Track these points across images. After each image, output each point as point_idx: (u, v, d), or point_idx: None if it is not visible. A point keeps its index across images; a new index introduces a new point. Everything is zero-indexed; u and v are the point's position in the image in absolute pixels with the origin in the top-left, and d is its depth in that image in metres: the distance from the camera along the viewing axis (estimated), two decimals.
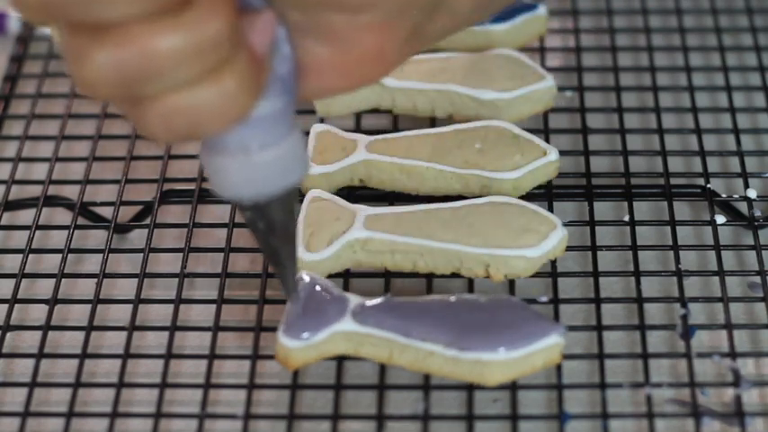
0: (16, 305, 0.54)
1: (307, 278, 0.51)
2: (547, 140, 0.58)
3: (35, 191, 0.59)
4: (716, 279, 0.54)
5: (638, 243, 0.55)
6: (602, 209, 0.57)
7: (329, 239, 0.52)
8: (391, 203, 0.56)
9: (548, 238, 0.52)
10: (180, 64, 0.37)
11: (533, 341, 0.49)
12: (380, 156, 0.56)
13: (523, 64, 0.59)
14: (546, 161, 0.55)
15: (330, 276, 0.53)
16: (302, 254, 0.52)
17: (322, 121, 0.59)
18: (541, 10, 0.62)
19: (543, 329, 0.49)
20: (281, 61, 0.40)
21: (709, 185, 0.57)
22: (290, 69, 0.41)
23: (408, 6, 0.41)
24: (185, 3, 0.36)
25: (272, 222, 0.43)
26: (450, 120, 0.59)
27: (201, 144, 0.41)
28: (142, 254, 0.55)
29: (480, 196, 0.54)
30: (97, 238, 0.58)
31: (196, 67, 0.37)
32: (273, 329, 0.52)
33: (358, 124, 0.60)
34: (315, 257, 0.52)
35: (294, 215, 0.44)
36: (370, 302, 0.50)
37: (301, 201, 0.54)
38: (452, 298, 0.50)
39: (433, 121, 0.59)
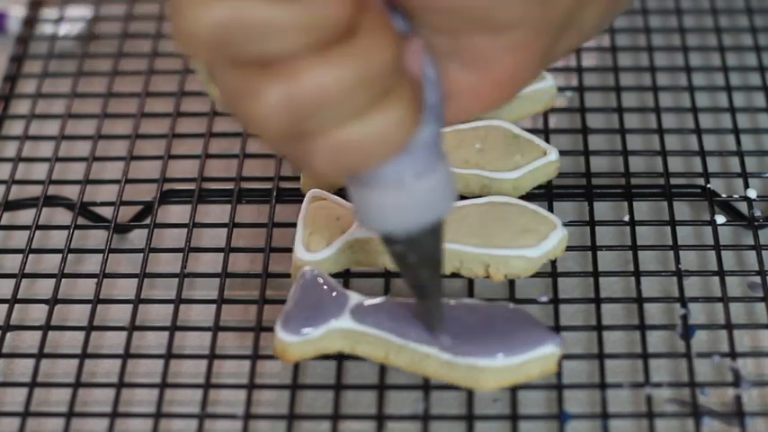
0: (16, 305, 0.54)
1: (308, 272, 0.51)
2: (547, 140, 0.58)
3: (35, 191, 0.59)
4: (716, 279, 0.54)
5: (638, 243, 0.55)
6: (602, 209, 0.57)
7: (329, 239, 0.52)
8: None
9: (548, 238, 0.52)
10: (349, 95, 0.36)
11: (529, 350, 0.48)
12: None
13: None
14: (546, 161, 0.55)
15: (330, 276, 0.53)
16: (302, 254, 0.52)
17: None
18: None
19: (539, 338, 0.49)
20: (429, 87, 0.40)
21: (709, 185, 0.57)
22: (438, 95, 0.40)
23: (547, 25, 0.41)
24: (350, 33, 0.36)
25: (424, 254, 0.43)
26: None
27: (349, 180, 0.41)
28: (142, 254, 0.55)
29: (480, 196, 0.54)
30: (97, 238, 0.58)
31: (364, 98, 0.37)
32: (273, 329, 0.52)
33: None
34: (315, 257, 0.52)
35: (442, 246, 0.43)
36: (370, 302, 0.50)
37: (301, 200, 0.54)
38: (452, 302, 0.50)
39: None
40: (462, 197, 0.54)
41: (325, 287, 0.50)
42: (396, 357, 0.49)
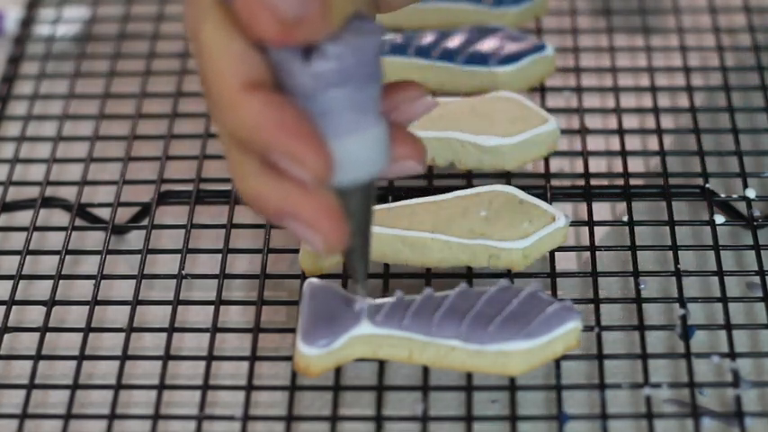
0: (14, 307, 0.54)
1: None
2: None
3: (33, 192, 0.59)
4: (715, 279, 0.54)
5: (637, 243, 0.55)
6: (601, 209, 0.57)
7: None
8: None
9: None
10: None
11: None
12: (383, 228, 0.53)
13: (524, 106, 0.57)
14: (555, 227, 0.53)
15: (330, 276, 0.52)
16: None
17: None
18: (548, 51, 0.61)
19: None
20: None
21: (707, 185, 0.57)
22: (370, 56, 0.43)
23: None
24: None
25: (351, 211, 0.44)
26: (451, 167, 0.56)
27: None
28: (140, 255, 0.55)
29: (487, 267, 0.53)
30: (95, 239, 0.58)
31: None
32: (272, 331, 0.52)
33: None
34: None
35: (372, 210, 0.45)
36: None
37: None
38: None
39: (430, 169, 0.57)
40: (469, 269, 0.53)
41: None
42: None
